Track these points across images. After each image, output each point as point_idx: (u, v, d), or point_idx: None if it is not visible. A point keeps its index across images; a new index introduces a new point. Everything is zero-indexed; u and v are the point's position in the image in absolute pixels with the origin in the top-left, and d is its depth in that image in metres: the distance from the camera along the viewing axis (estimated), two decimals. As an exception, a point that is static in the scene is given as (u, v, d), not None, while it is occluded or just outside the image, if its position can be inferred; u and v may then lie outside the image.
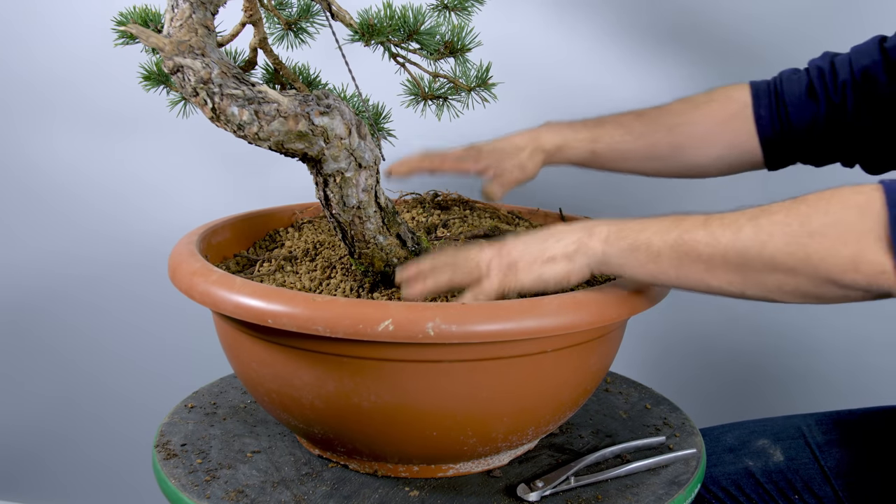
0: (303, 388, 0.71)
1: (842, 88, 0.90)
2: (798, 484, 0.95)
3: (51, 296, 1.56)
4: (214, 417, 0.90)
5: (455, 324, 0.64)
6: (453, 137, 1.37)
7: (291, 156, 0.73)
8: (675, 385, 1.39)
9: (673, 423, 0.92)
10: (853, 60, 0.90)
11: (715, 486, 0.97)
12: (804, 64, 0.96)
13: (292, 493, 0.75)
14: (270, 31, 0.90)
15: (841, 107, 0.90)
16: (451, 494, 0.76)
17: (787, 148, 0.94)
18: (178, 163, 1.47)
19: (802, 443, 0.97)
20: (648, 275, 0.69)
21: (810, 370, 1.39)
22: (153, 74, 0.87)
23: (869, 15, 1.25)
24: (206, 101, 0.69)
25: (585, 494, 0.76)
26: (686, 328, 1.42)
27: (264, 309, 0.66)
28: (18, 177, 1.51)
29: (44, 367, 1.60)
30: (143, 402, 1.58)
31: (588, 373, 0.77)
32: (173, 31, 0.71)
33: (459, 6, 0.87)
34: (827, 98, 0.90)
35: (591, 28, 1.32)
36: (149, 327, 1.56)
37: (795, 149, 0.94)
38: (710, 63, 1.32)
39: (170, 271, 0.77)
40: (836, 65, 0.91)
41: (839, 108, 0.90)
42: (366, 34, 0.78)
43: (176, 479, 0.76)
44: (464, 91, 0.93)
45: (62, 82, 1.45)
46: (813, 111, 0.91)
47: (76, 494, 1.67)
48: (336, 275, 0.81)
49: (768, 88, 0.95)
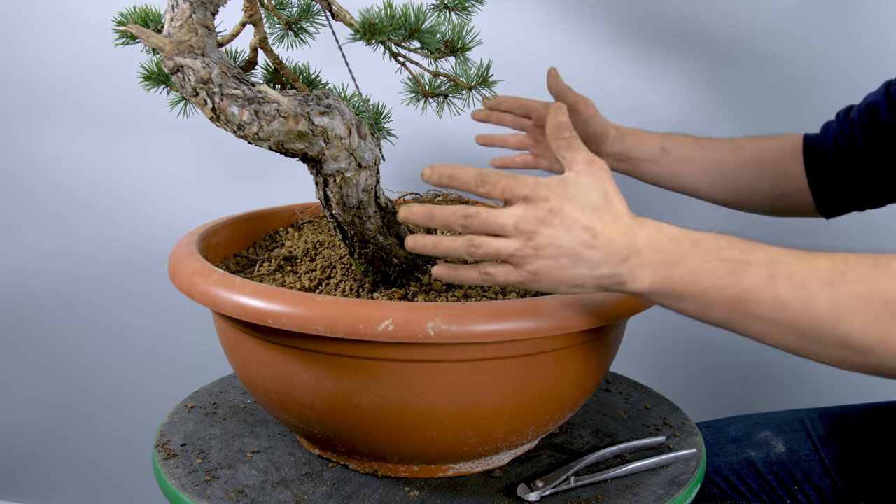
0: (303, 388, 0.71)
1: (850, 125, 0.96)
2: (798, 475, 0.96)
3: (51, 296, 1.56)
4: (214, 417, 0.90)
5: (455, 324, 0.64)
6: (454, 136, 1.38)
7: (291, 156, 0.73)
8: (676, 385, 1.39)
9: (673, 423, 0.92)
10: (862, 102, 0.96)
11: (717, 475, 0.98)
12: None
13: (292, 493, 0.75)
14: (270, 31, 0.90)
15: (852, 141, 0.95)
16: (451, 494, 0.76)
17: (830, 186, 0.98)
18: (178, 163, 1.47)
19: (804, 435, 0.99)
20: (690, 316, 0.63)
21: (813, 367, 1.38)
22: (153, 74, 0.87)
23: (870, 18, 1.25)
24: (206, 101, 0.69)
25: (585, 494, 0.76)
26: (686, 328, 1.42)
27: (264, 309, 0.66)
28: (19, 177, 1.51)
29: (44, 367, 1.60)
30: (143, 402, 1.58)
31: (588, 373, 0.77)
32: (173, 31, 0.71)
33: (460, 5, 0.87)
34: (842, 135, 0.96)
35: (593, 27, 1.32)
36: (149, 327, 1.56)
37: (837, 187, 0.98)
38: (712, 63, 1.32)
39: (170, 271, 0.77)
40: (852, 107, 0.98)
41: (851, 142, 0.95)
42: (367, 33, 0.78)
43: (176, 479, 0.76)
44: (464, 89, 0.93)
45: (63, 82, 1.45)
46: (833, 150, 0.97)
47: (76, 494, 1.67)
48: (336, 275, 0.81)
49: (815, 134, 1.01)
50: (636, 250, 0.61)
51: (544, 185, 0.62)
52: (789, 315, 0.57)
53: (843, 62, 1.27)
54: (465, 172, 0.64)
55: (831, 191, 0.99)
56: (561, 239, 0.61)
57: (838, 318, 0.56)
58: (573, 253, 0.62)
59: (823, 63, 1.28)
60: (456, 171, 0.64)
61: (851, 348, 0.56)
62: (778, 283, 0.57)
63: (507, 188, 0.63)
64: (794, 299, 0.57)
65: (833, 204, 1.00)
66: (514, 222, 0.62)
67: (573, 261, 0.62)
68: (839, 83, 1.27)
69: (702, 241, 0.61)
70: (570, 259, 0.62)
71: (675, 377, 1.44)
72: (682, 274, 0.60)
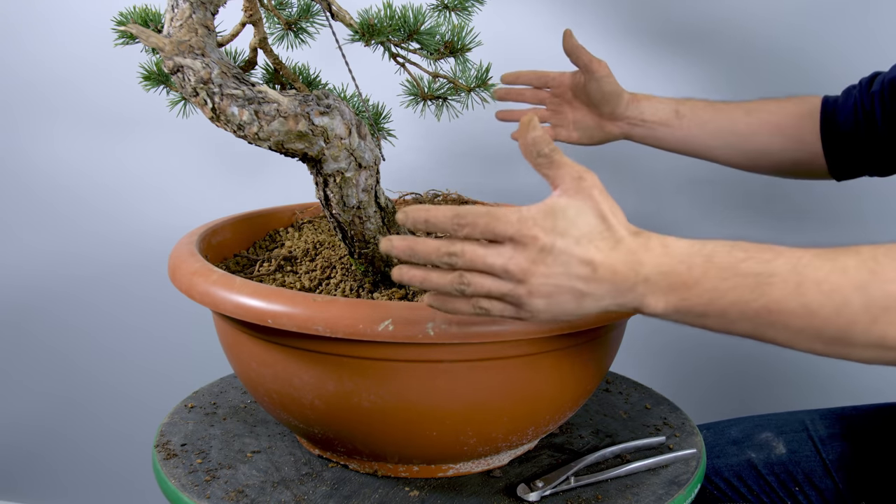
0: (303, 388, 0.71)
1: (871, 97, 0.94)
2: (799, 476, 0.96)
3: (51, 296, 1.56)
4: (214, 417, 0.90)
5: (455, 324, 0.64)
6: (453, 138, 1.38)
7: (291, 156, 0.73)
8: (676, 385, 1.39)
9: (673, 423, 0.92)
10: (887, 73, 0.94)
11: (717, 477, 0.98)
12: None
13: (292, 493, 0.75)
14: (270, 31, 0.90)
15: (871, 114, 0.94)
16: (451, 494, 0.76)
17: (844, 153, 0.97)
18: (178, 163, 1.47)
19: (805, 436, 0.99)
20: (711, 330, 0.60)
21: (813, 368, 1.39)
22: (153, 74, 0.87)
23: (880, 13, 1.25)
24: (206, 101, 0.69)
25: (585, 494, 0.76)
26: (686, 327, 1.42)
27: (264, 309, 0.66)
28: (19, 177, 1.51)
29: (44, 367, 1.60)
30: (143, 401, 1.58)
31: (588, 373, 0.77)
32: (173, 31, 0.71)
33: (459, 6, 0.87)
34: (862, 106, 0.95)
35: (593, 28, 1.32)
36: (149, 327, 1.56)
37: (851, 155, 0.97)
38: (713, 63, 1.32)
39: (170, 271, 0.77)
40: (876, 78, 0.96)
41: (870, 115, 0.94)
42: (366, 34, 0.78)
43: (176, 479, 0.76)
44: (463, 91, 0.93)
45: (63, 82, 1.45)
46: (852, 119, 0.96)
47: (76, 494, 1.67)
48: (336, 275, 0.81)
49: (836, 99, 0.99)
50: (644, 278, 0.57)
51: (531, 220, 0.56)
52: (819, 322, 0.55)
53: (859, 57, 1.25)
54: (439, 215, 0.57)
55: (846, 158, 0.98)
56: (558, 278, 0.57)
57: (873, 320, 0.54)
58: (573, 290, 0.57)
59: (839, 58, 1.26)
60: (430, 214, 0.57)
61: (888, 347, 0.54)
62: (806, 292, 0.54)
63: (487, 228, 0.57)
64: (823, 306, 0.54)
65: (846, 170, 0.99)
66: (503, 264, 0.57)
67: (574, 296, 0.58)
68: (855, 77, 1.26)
69: (715, 256, 0.57)
70: (571, 295, 0.58)
71: (675, 377, 1.44)
72: (699, 294, 0.57)
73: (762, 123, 1.01)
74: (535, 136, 0.59)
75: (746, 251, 0.57)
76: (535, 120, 0.59)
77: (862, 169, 0.98)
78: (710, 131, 1.03)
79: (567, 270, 0.56)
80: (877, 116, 0.93)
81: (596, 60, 1.04)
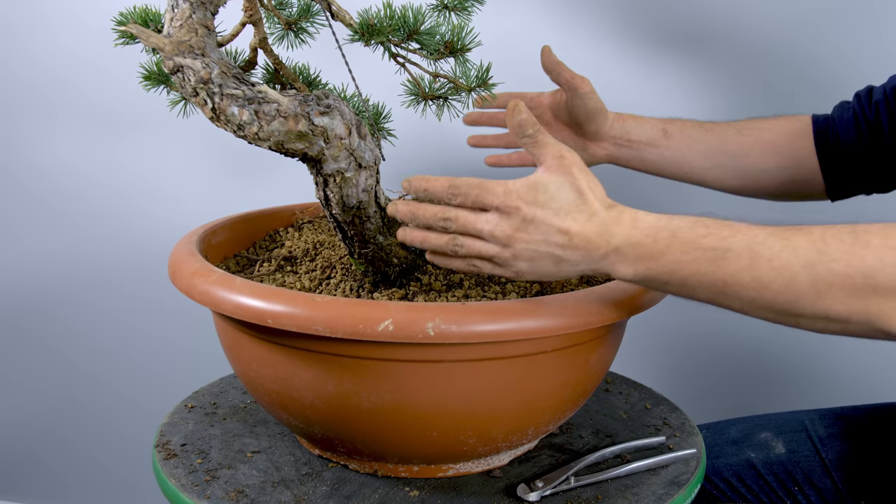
0: (303, 388, 0.71)
1: (875, 107, 0.93)
2: (798, 476, 0.96)
3: (51, 296, 1.56)
4: (214, 417, 0.90)
5: (455, 324, 0.64)
6: (453, 138, 1.38)
7: (291, 156, 0.73)
8: (676, 385, 1.39)
9: (673, 423, 0.92)
10: (888, 83, 0.93)
11: (717, 477, 0.98)
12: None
13: (292, 493, 0.75)
14: (270, 31, 0.90)
15: (876, 124, 0.92)
16: (451, 494, 0.76)
17: (843, 170, 0.96)
18: (178, 163, 1.47)
19: (804, 436, 0.99)
20: (674, 295, 0.65)
21: (814, 368, 1.39)
22: (153, 74, 0.87)
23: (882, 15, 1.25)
24: (206, 101, 0.69)
25: (585, 494, 0.76)
26: (686, 328, 1.42)
27: (264, 309, 0.66)
28: (19, 177, 1.51)
29: (44, 368, 1.60)
30: (143, 402, 1.58)
31: (588, 373, 0.77)
32: (173, 31, 0.71)
33: (459, 6, 0.87)
34: (864, 117, 0.93)
35: (593, 28, 1.32)
36: (149, 327, 1.56)
37: (851, 171, 0.95)
38: (713, 63, 1.32)
39: (170, 271, 0.77)
40: (874, 89, 0.95)
41: (875, 126, 0.92)
42: (366, 34, 0.78)
43: (176, 479, 0.76)
44: (464, 91, 0.93)
45: (62, 82, 1.45)
46: (854, 132, 0.94)
47: (76, 494, 1.67)
48: (336, 275, 0.81)
49: (827, 117, 0.98)
50: (614, 248, 0.64)
51: (514, 193, 0.65)
52: (770, 294, 0.59)
53: (861, 57, 1.25)
54: (437, 185, 0.67)
55: (845, 176, 0.96)
56: (538, 244, 0.65)
57: (818, 294, 0.58)
58: (552, 255, 0.65)
59: (839, 58, 1.25)
60: (429, 183, 0.67)
61: (831, 319, 0.59)
62: (758, 267, 0.59)
63: (477, 199, 0.65)
64: (774, 280, 0.59)
65: (844, 187, 0.97)
66: (490, 230, 0.65)
67: (553, 261, 0.65)
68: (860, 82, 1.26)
69: (679, 231, 0.62)
70: (550, 260, 0.65)
71: (675, 377, 1.44)
72: (663, 265, 0.62)
73: (755, 141, 0.99)
74: (521, 118, 0.67)
75: (708, 227, 0.62)
76: (520, 104, 0.67)
77: (861, 185, 0.97)
78: (700, 151, 1.00)
79: (546, 238, 0.64)
80: (883, 126, 0.91)
81: (578, 77, 1.00)
